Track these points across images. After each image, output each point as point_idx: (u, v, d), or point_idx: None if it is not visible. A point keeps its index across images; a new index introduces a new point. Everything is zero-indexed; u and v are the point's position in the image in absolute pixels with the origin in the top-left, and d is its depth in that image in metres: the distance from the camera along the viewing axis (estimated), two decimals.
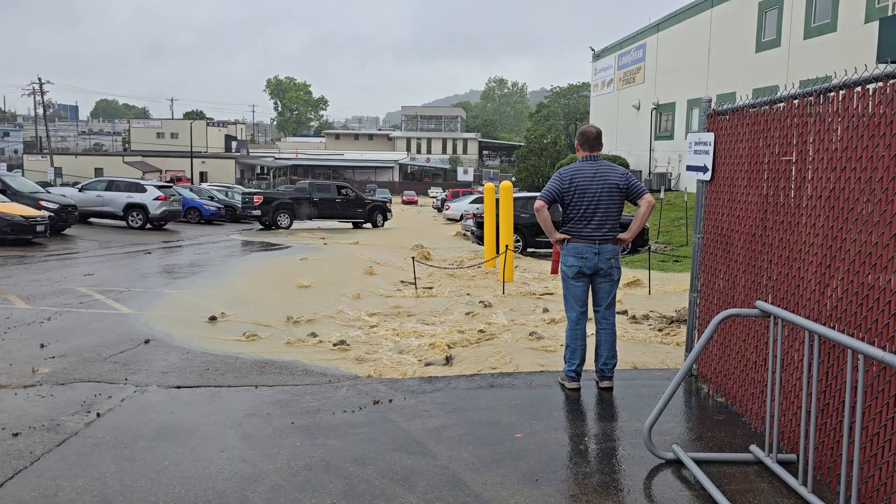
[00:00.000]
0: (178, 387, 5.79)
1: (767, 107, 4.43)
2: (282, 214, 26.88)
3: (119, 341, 7.42)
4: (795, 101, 4.09)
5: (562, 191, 5.35)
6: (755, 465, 3.96)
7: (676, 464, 4.00)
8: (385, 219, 29.71)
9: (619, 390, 5.44)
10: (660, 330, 7.99)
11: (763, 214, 4.46)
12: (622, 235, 5.35)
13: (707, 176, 5.32)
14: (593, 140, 5.46)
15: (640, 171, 41.28)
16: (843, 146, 3.61)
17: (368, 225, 28.98)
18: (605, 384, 5.43)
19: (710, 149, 5.25)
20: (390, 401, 5.28)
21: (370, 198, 30.84)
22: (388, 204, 30.91)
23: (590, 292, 5.45)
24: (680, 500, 3.60)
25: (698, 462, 3.92)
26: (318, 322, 8.83)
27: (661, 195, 29.87)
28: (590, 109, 56.29)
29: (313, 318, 8.95)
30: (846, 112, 3.60)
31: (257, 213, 26.86)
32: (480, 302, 10.47)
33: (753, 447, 4.04)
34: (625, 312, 9.00)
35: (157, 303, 10.03)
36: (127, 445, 4.41)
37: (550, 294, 11.57)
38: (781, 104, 4.25)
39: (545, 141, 62.44)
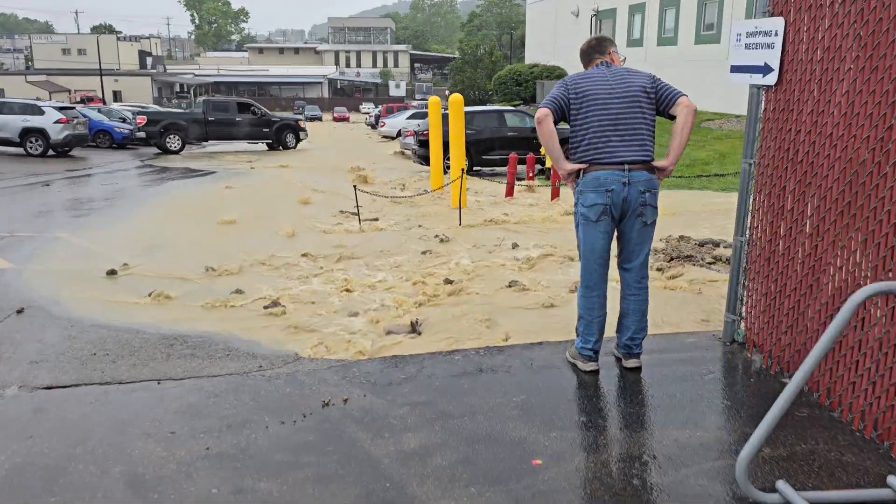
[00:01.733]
0: (49, 387, 4.20)
1: None
2: (171, 137, 24.03)
3: None
4: None
5: (568, 98, 3.86)
6: None
7: None
8: (298, 139, 26.39)
9: (649, 370, 4.11)
10: (660, 269, 6.70)
11: (887, 132, 3.06)
12: (661, 163, 3.87)
13: (770, 79, 3.88)
14: (589, 51, 4.05)
15: None
16: None
17: (281, 148, 25.84)
18: (631, 363, 4.08)
19: (778, 41, 3.79)
20: (345, 401, 3.84)
21: (278, 116, 27.21)
22: (300, 123, 27.01)
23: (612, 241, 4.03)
24: None
25: None
26: (244, 272, 7.23)
27: None
28: (525, 18, 53.88)
29: (239, 268, 7.34)
30: None
31: (142, 135, 24.09)
32: (436, 236, 9.02)
33: (894, 479, 2.76)
34: None
35: (46, 252, 8.23)
36: None
37: (512, 222, 10.19)
38: None
39: (480, 52, 60.17)
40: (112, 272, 7.12)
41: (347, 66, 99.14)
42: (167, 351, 4.83)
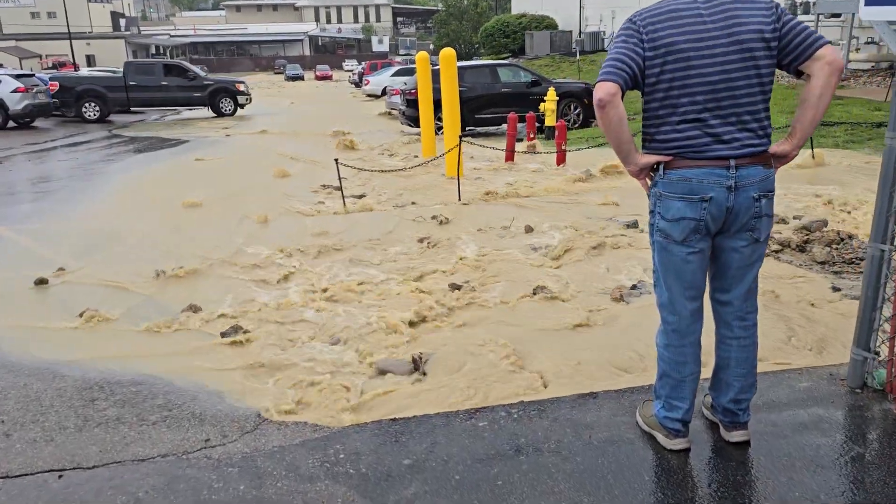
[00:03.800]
0: None
1: None
2: (88, 104, 22.20)
3: None
4: None
5: (644, 56, 2.51)
6: None
7: None
8: (238, 105, 23.83)
9: (761, 443, 2.84)
10: None
11: None
12: (782, 146, 2.59)
13: None
14: None
15: (571, 32, 38.15)
16: None
17: (218, 114, 23.70)
18: (738, 436, 2.83)
19: None
20: None
21: (213, 78, 24.77)
22: (238, 86, 24.09)
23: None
24: None
25: None
26: (202, 275, 5.94)
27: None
28: None
29: (196, 269, 6.04)
30: None
31: (55, 102, 22.09)
32: (434, 217, 7.72)
33: None
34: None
35: None
36: None
37: (519, 195, 8.90)
38: None
39: (465, 3, 58.14)
40: (42, 281, 5.82)
41: (328, 22, 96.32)
42: (84, 412, 3.56)
